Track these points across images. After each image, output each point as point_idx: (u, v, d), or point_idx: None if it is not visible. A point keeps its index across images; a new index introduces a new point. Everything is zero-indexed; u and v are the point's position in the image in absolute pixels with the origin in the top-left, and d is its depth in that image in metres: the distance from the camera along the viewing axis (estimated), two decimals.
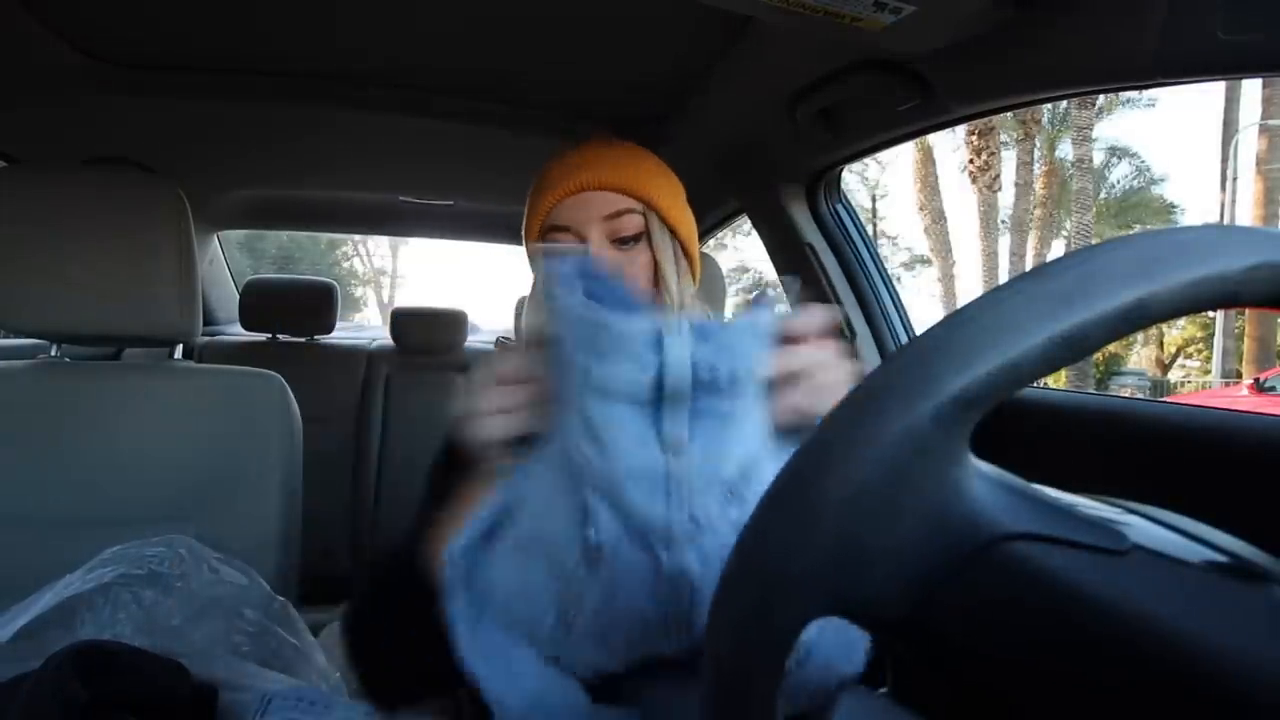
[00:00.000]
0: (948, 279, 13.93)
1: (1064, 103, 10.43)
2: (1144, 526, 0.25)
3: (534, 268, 0.73)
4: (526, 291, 0.76)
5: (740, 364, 0.36)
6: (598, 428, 0.36)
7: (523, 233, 0.73)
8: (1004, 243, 13.18)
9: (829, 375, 0.44)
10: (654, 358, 0.35)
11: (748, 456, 0.36)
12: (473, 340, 2.15)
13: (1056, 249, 13.51)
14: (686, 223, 0.72)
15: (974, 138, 11.93)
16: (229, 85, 1.05)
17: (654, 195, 0.67)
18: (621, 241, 0.67)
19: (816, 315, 0.45)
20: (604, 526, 0.36)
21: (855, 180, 15.95)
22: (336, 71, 1.04)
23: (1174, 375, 15.39)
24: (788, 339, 0.43)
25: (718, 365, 0.35)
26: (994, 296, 0.23)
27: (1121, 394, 4.91)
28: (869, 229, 1.76)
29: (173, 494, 0.92)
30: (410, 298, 24.27)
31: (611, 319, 0.36)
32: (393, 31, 0.92)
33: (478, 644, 0.38)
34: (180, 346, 1.64)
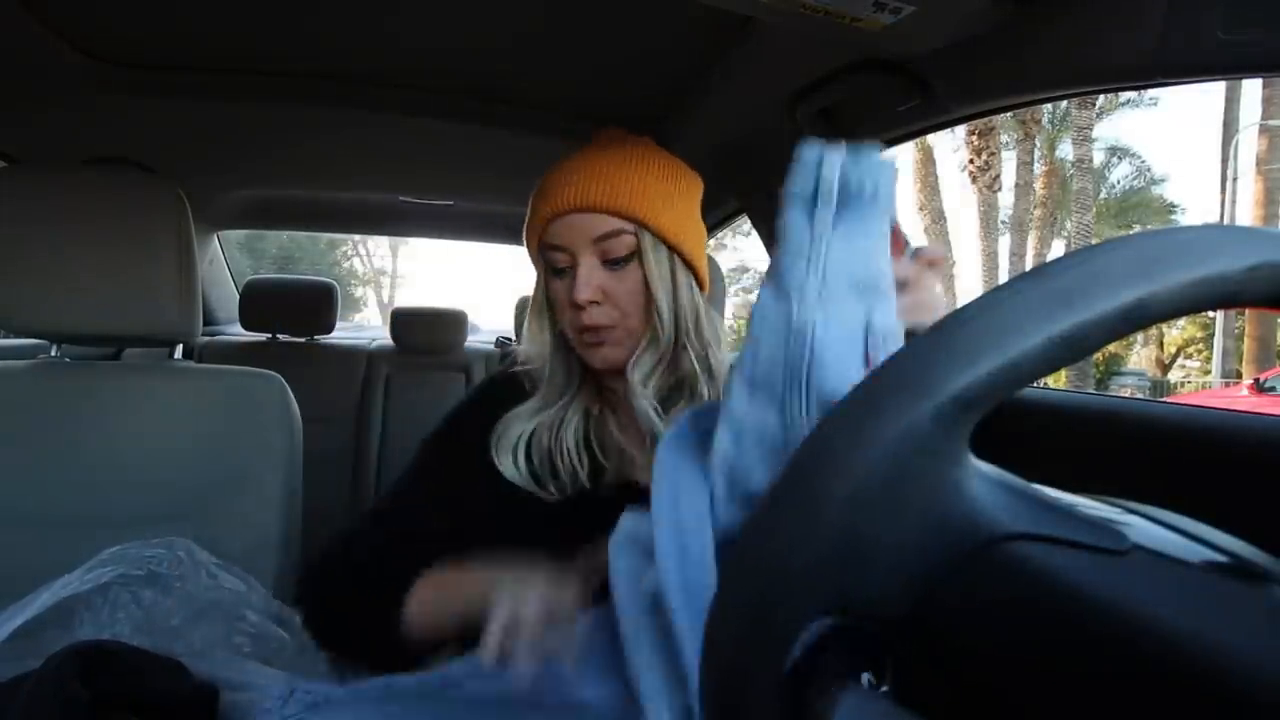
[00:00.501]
0: (948, 279, 13.92)
1: (1064, 103, 10.44)
2: (1144, 526, 0.25)
3: (536, 269, 0.73)
4: (527, 292, 0.76)
5: (880, 185, 0.43)
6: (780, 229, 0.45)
7: (524, 236, 0.73)
8: (1004, 243, 13.17)
9: (928, 295, 0.53)
10: (814, 170, 0.44)
11: (876, 275, 0.43)
12: (473, 340, 2.15)
13: (1056, 249, 13.50)
14: (690, 234, 0.69)
15: (974, 138, 11.92)
16: (229, 85, 1.05)
17: (646, 213, 0.65)
18: (612, 262, 0.66)
19: (938, 249, 0.55)
20: (761, 292, 0.44)
21: None
22: (337, 71, 1.04)
23: (1174, 375, 15.38)
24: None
25: (863, 180, 0.43)
26: (994, 296, 0.23)
27: (1121, 394, 4.90)
28: None
29: (173, 494, 0.92)
30: (410, 298, 24.31)
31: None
32: (393, 32, 0.92)
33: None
34: (180, 346, 1.64)
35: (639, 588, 0.46)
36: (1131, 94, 10.71)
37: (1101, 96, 9.14)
